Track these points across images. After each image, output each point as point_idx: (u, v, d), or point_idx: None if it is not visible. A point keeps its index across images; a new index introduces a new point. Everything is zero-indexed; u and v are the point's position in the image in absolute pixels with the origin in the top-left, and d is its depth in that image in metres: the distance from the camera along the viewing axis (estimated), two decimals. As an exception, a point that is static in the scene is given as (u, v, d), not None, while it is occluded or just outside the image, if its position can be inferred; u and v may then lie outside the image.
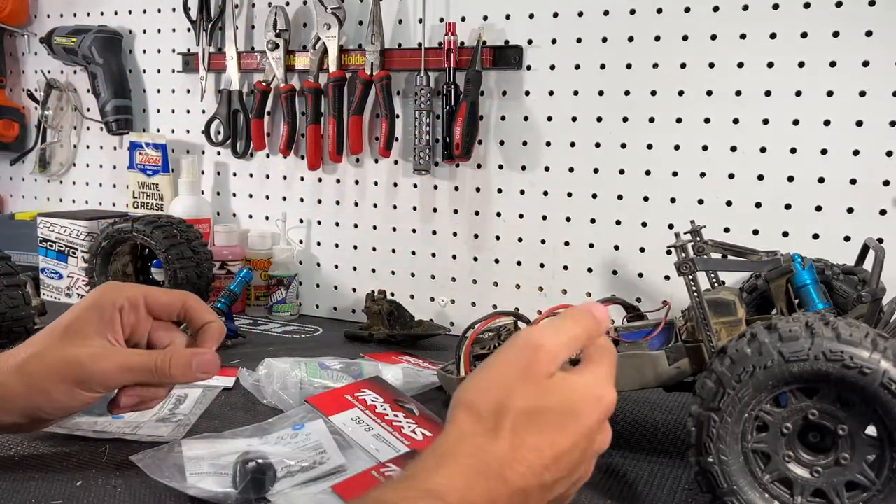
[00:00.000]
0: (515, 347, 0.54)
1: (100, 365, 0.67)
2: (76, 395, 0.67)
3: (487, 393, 0.52)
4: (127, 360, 0.69)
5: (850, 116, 0.98)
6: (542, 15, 1.15)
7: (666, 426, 0.86)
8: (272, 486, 0.66)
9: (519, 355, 0.53)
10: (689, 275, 0.71)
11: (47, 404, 0.67)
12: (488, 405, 0.51)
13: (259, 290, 1.34)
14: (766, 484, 0.60)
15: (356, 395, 0.86)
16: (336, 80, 1.27)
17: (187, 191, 1.40)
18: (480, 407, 0.51)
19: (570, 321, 0.55)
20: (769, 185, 1.04)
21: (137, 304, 0.72)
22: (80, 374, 0.67)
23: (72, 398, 0.67)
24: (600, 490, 0.71)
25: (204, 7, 1.39)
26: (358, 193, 1.32)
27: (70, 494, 0.67)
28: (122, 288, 0.73)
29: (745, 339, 0.59)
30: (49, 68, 1.60)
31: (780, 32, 1.01)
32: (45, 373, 0.66)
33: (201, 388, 0.92)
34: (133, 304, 0.71)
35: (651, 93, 1.09)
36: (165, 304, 0.73)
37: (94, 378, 0.67)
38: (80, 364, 0.67)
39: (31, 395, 0.67)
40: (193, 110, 1.46)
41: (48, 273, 1.41)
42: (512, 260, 1.21)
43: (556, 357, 0.53)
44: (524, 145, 1.18)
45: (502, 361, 0.53)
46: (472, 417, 0.51)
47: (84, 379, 0.67)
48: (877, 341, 0.57)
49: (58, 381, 0.66)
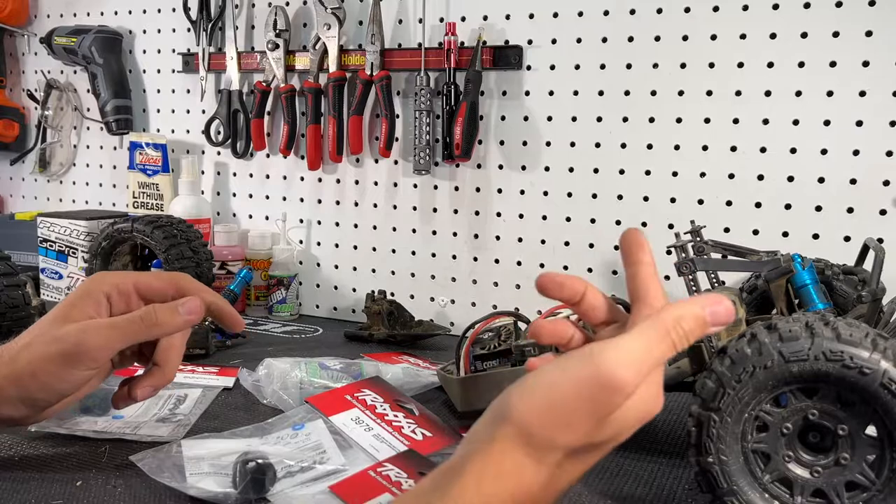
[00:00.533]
0: (592, 383, 0.48)
1: (87, 334, 0.67)
2: (65, 375, 0.67)
3: (546, 427, 0.48)
4: (112, 321, 0.69)
5: (850, 116, 0.98)
6: (542, 15, 1.15)
7: (666, 426, 0.86)
8: (272, 487, 0.66)
9: (593, 393, 0.48)
10: (689, 275, 0.72)
11: (37, 387, 0.67)
12: (544, 439, 0.48)
13: (259, 290, 1.34)
14: (766, 484, 0.60)
15: (356, 395, 0.86)
16: (336, 80, 1.27)
17: (187, 191, 1.40)
18: (536, 438, 0.48)
19: (665, 345, 0.50)
20: (769, 185, 1.04)
21: (127, 291, 0.72)
22: (67, 348, 0.66)
23: (61, 378, 0.67)
24: (600, 490, 0.71)
25: (204, 7, 1.39)
26: (358, 193, 1.32)
27: (70, 494, 0.67)
28: (108, 275, 0.73)
29: (745, 339, 0.59)
30: (49, 68, 1.60)
31: (780, 32, 1.01)
32: (34, 356, 0.67)
33: (201, 389, 0.92)
34: (122, 291, 0.71)
35: (651, 93, 1.09)
36: (158, 289, 0.73)
37: (81, 348, 0.66)
38: (66, 338, 0.67)
39: (21, 380, 0.67)
40: (193, 110, 1.46)
41: (48, 273, 1.41)
42: (512, 260, 1.21)
43: (630, 396, 0.48)
44: (524, 145, 1.18)
45: (573, 394, 0.48)
46: (522, 445, 0.48)
47: (72, 353, 0.66)
48: (877, 341, 0.57)
49: (45, 362, 0.66)
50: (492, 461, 0.49)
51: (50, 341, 0.67)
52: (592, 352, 0.48)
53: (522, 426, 0.48)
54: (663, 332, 0.50)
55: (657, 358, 0.49)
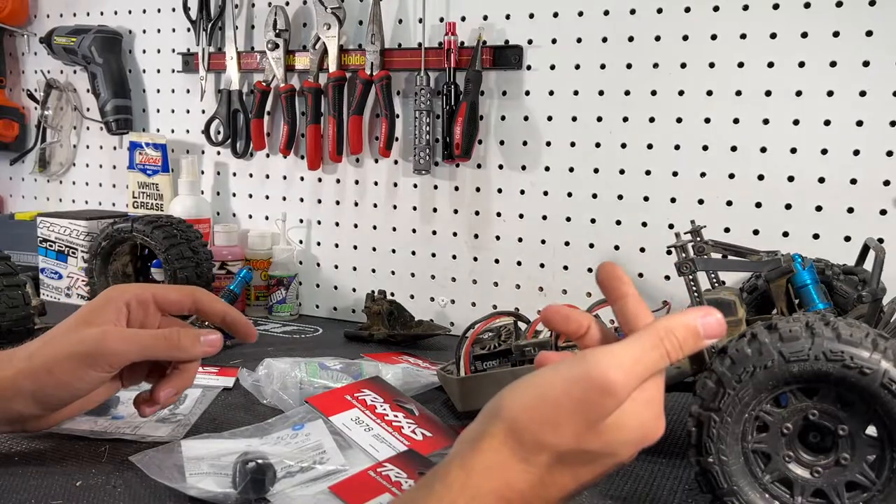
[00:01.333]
0: (583, 383, 0.48)
1: (107, 338, 0.69)
2: (81, 374, 0.69)
3: (535, 422, 0.48)
4: (134, 332, 0.72)
5: (850, 116, 0.98)
6: (542, 15, 1.15)
7: (666, 426, 0.86)
8: (272, 487, 0.66)
9: (584, 393, 0.48)
10: (690, 275, 0.71)
11: (53, 384, 0.69)
12: (532, 437, 0.48)
13: (259, 290, 1.34)
14: (767, 484, 0.60)
15: (356, 395, 0.86)
16: (336, 80, 1.27)
17: (187, 191, 1.40)
18: (524, 435, 0.49)
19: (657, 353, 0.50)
20: (769, 185, 1.04)
21: (146, 301, 0.75)
22: (87, 348, 0.69)
23: (77, 377, 0.69)
24: (600, 490, 0.71)
25: (204, 7, 1.39)
26: (358, 193, 1.32)
27: (70, 494, 0.67)
28: (129, 286, 0.76)
29: (746, 340, 0.59)
30: (49, 68, 1.60)
31: (780, 32, 1.01)
32: (53, 354, 0.69)
33: (201, 389, 0.92)
34: (141, 301, 0.74)
35: (651, 93, 1.09)
36: (175, 301, 0.76)
37: (100, 350, 0.69)
38: (88, 339, 0.69)
39: (38, 375, 0.69)
40: (193, 110, 1.46)
41: (48, 273, 1.41)
42: (512, 260, 1.21)
43: (621, 402, 0.48)
44: (524, 145, 1.18)
45: (563, 392, 0.48)
46: (510, 441, 0.49)
47: (91, 353, 0.69)
48: (877, 341, 0.57)
49: (63, 359, 0.69)
50: (479, 457, 0.49)
51: (72, 341, 0.69)
52: (585, 355, 0.49)
53: (511, 422, 0.49)
54: (656, 340, 0.50)
55: (648, 365, 0.50)
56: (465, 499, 0.48)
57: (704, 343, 0.51)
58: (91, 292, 1.22)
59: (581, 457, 0.49)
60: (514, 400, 0.50)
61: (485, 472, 0.48)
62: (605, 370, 0.48)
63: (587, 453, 0.49)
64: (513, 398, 0.50)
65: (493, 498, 0.48)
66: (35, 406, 0.70)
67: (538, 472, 0.49)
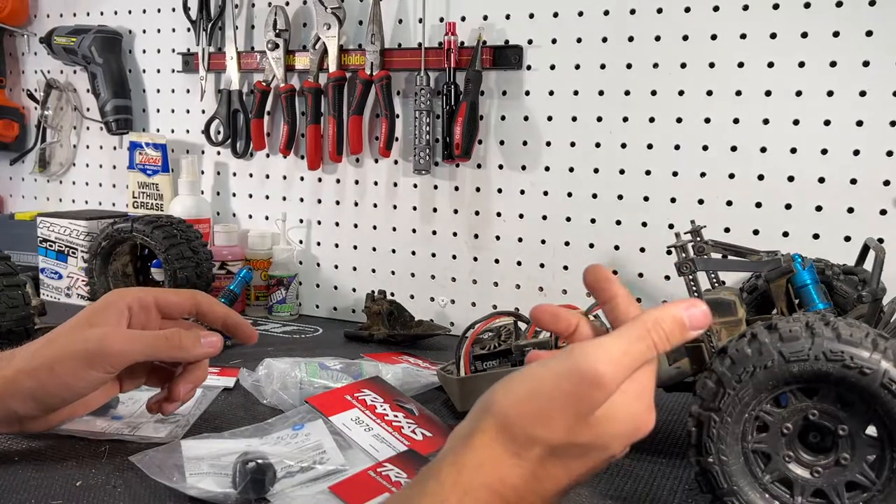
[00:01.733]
0: (572, 376, 0.49)
1: (110, 338, 0.70)
2: (83, 374, 0.69)
3: (526, 417, 0.49)
4: (136, 332, 0.73)
5: (850, 116, 0.98)
6: (542, 15, 1.15)
7: (666, 426, 0.86)
8: (272, 487, 0.66)
9: (573, 386, 0.49)
10: (690, 275, 0.71)
11: (53, 383, 0.69)
12: (523, 431, 0.49)
13: (259, 290, 1.34)
14: (767, 484, 0.60)
15: (356, 395, 0.86)
16: (336, 80, 1.27)
17: (187, 191, 1.40)
18: (515, 429, 0.49)
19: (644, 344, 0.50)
20: (769, 185, 1.04)
21: (148, 304, 0.75)
22: (89, 348, 0.69)
23: (78, 377, 0.69)
24: (600, 490, 0.71)
25: (204, 7, 1.39)
26: (358, 193, 1.32)
27: (70, 494, 0.67)
28: (131, 289, 0.77)
29: (746, 339, 0.59)
30: (49, 68, 1.60)
31: (780, 32, 1.01)
32: (55, 353, 0.70)
33: (201, 389, 0.92)
34: (143, 304, 0.75)
35: (651, 93, 1.09)
36: (176, 304, 0.77)
37: (103, 350, 0.69)
38: (91, 339, 0.70)
39: (39, 374, 0.69)
40: (193, 110, 1.46)
41: (48, 273, 1.41)
42: (512, 260, 1.21)
43: (611, 394, 0.49)
44: (524, 145, 1.18)
45: (552, 386, 0.49)
46: (502, 437, 0.49)
47: (93, 353, 0.69)
48: (877, 341, 0.57)
49: (65, 358, 0.69)
50: (471, 452, 0.49)
51: (75, 341, 0.70)
52: (574, 348, 0.50)
53: (502, 417, 0.49)
54: (643, 332, 0.51)
55: (636, 356, 0.50)
56: (458, 495, 0.48)
57: (691, 334, 0.52)
58: (91, 292, 1.22)
59: (573, 450, 0.50)
60: (504, 395, 0.50)
61: (477, 467, 0.49)
62: (594, 363, 0.49)
63: (579, 446, 0.50)
64: (503, 393, 0.50)
65: (486, 493, 0.49)
66: (34, 406, 0.70)
67: (530, 467, 0.49)
